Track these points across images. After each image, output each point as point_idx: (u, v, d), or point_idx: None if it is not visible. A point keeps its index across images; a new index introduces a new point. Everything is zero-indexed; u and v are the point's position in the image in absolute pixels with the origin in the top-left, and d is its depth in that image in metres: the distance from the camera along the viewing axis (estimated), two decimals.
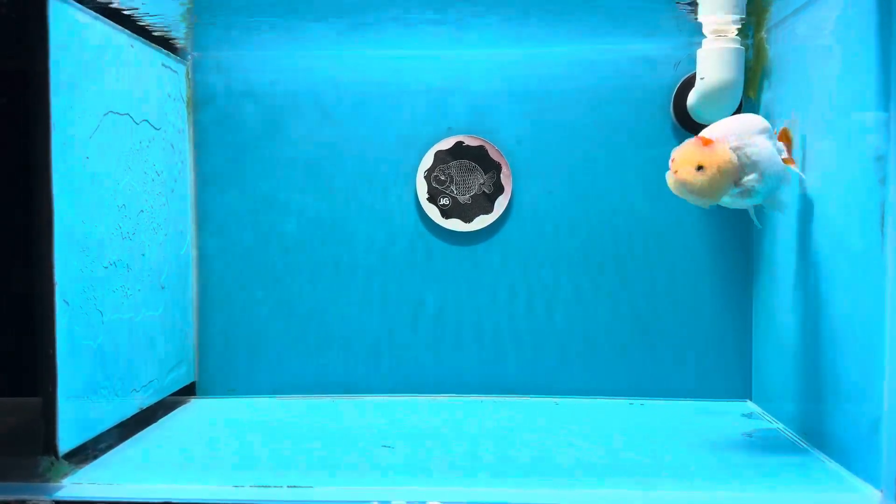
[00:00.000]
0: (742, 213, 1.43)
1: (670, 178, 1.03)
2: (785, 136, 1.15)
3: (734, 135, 1.03)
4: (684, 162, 1.00)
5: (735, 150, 1.02)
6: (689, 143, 1.02)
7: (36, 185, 1.00)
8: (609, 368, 1.46)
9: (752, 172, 1.02)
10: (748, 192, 1.04)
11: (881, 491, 0.95)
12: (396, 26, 1.32)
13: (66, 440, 1.05)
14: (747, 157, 1.02)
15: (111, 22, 1.17)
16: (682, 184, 1.00)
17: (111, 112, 1.16)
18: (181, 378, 1.43)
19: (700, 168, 0.99)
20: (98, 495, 0.99)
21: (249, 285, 1.48)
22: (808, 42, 1.19)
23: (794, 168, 1.13)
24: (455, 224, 1.47)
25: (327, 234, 1.48)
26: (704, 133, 1.04)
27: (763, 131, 1.07)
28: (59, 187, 1.02)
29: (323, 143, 1.47)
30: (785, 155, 1.12)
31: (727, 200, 1.06)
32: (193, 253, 1.48)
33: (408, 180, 1.47)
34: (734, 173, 1.01)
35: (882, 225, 0.95)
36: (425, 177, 1.46)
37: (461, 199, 1.46)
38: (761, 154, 1.03)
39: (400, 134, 1.47)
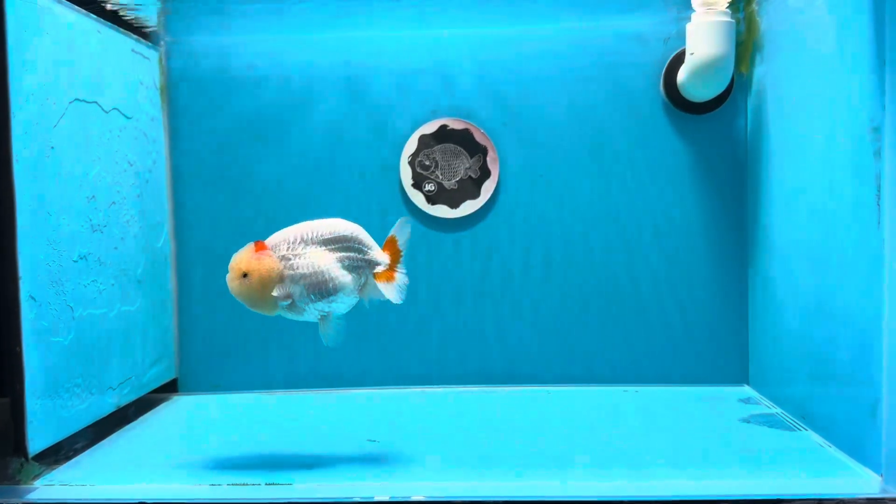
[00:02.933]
0: (736, 198, 1.40)
1: None
2: (391, 247, 1.06)
3: (289, 243, 1.00)
4: (232, 268, 1.00)
5: (283, 259, 0.99)
6: (244, 249, 1.00)
7: None
8: (603, 356, 1.43)
9: (294, 286, 0.99)
10: (294, 307, 1.00)
11: (881, 475, 0.92)
12: (376, 5, 1.28)
13: (37, 440, 1.01)
14: (292, 270, 0.99)
15: (75, 6, 1.13)
16: (231, 290, 1.00)
17: (77, 100, 1.12)
18: (161, 375, 1.40)
19: (245, 276, 0.98)
20: (70, 497, 0.96)
21: None
22: (800, 13, 1.15)
23: (393, 281, 1.04)
24: (441, 210, 1.43)
25: None
26: (273, 236, 1.01)
27: (334, 241, 1.01)
28: (22, 178, 0.98)
29: (303, 129, 1.43)
30: (381, 269, 1.03)
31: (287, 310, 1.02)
32: (172, 245, 1.44)
33: (391, 166, 1.43)
34: (276, 284, 0.99)
35: (878, 199, 0.91)
36: (409, 162, 1.43)
37: (447, 184, 1.43)
38: (312, 268, 0.99)
39: (382, 118, 1.43)
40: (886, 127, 0.90)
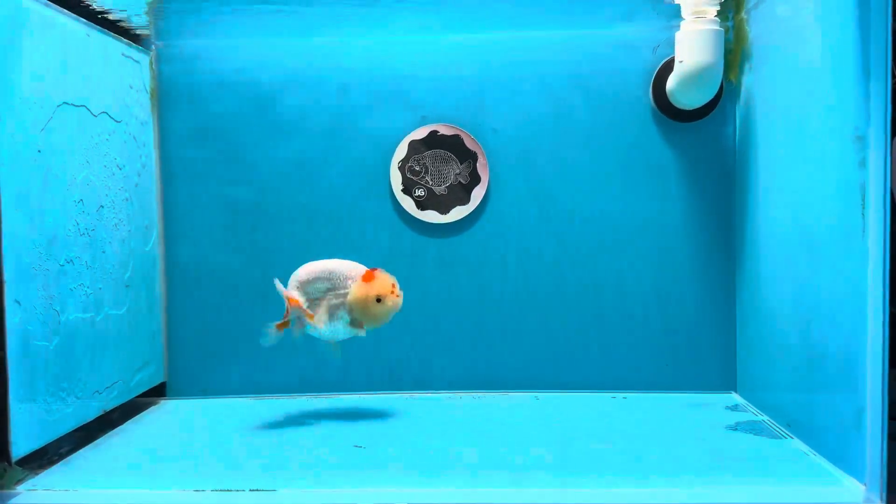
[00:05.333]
0: (724, 206, 1.40)
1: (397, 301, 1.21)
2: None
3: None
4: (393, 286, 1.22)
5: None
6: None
7: None
8: (591, 362, 1.43)
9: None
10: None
11: (864, 485, 0.92)
12: (367, 10, 1.28)
13: (20, 445, 1.01)
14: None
15: (63, 10, 1.13)
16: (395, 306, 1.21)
17: (65, 103, 1.12)
18: (149, 379, 1.39)
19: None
20: (54, 502, 0.96)
21: (220, 281, 1.44)
22: (788, 23, 1.16)
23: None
24: (431, 216, 1.43)
25: (298, 228, 1.44)
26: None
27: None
28: (7, 182, 0.98)
29: (292, 134, 1.43)
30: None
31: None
32: (160, 249, 1.43)
33: (381, 171, 1.43)
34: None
35: (863, 208, 0.92)
36: (399, 167, 1.43)
37: (437, 189, 1.43)
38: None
39: (372, 123, 1.43)
40: (871, 136, 0.90)
